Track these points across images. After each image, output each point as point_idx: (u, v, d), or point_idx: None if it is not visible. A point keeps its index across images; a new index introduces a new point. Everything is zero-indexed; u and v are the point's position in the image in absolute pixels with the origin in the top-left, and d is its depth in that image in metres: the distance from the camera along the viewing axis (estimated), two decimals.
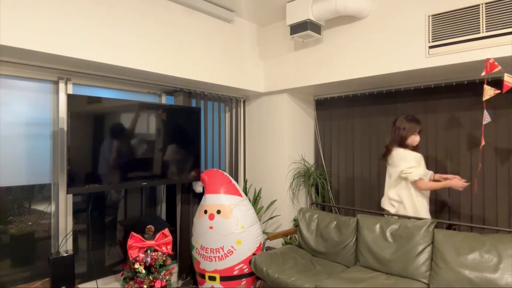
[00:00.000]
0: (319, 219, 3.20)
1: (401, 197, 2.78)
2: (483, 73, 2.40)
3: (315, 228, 3.19)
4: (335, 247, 2.98)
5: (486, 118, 2.57)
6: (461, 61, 2.55)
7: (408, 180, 2.70)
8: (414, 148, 2.80)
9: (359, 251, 2.84)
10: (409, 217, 2.74)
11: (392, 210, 2.85)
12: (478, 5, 2.46)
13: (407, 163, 2.68)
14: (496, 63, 2.35)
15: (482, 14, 2.45)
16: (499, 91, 2.48)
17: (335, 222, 3.06)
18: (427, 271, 2.46)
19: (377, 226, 2.77)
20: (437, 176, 2.89)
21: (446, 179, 2.76)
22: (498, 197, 2.89)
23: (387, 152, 2.85)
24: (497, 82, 2.84)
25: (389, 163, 2.87)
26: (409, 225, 2.61)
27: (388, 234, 2.68)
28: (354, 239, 2.91)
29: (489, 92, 2.49)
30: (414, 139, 2.76)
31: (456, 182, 2.65)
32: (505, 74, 2.41)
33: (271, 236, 3.21)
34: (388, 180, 2.90)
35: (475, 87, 2.98)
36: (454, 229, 2.77)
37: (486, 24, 2.44)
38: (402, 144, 2.75)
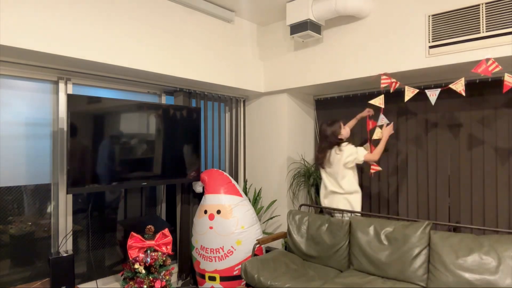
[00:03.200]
0: (309, 222, 3.07)
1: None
2: (479, 70, 2.40)
3: (306, 231, 3.06)
4: (327, 251, 2.88)
5: (383, 120, 3.05)
6: (461, 61, 2.55)
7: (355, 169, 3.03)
8: (348, 140, 3.15)
9: (353, 255, 2.76)
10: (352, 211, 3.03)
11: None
12: (478, 5, 2.46)
13: (349, 151, 2.96)
14: (494, 64, 2.35)
15: (482, 14, 2.44)
16: (418, 91, 2.74)
17: (326, 225, 2.94)
18: (424, 274, 2.43)
19: (371, 228, 2.70)
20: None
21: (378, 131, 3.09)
22: (498, 197, 2.89)
23: (323, 156, 3.05)
24: (497, 82, 2.85)
25: (327, 167, 3.06)
26: (404, 227, 2.58)
27: (382, 237, 2.62)
28: (347, 242, 2.81)
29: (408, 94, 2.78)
30: (345, 132, 3.09)
31: (389, 129, 3.01)
32: (505, 74, 2.41)
33: (261, 241, 3.10)
34: (327, 186, 3.13)
35: (476, 87, 2.98)
36: (450, 230, 2.77)
37: (486, 24, 2.43)
38: (337, 141, 3.03)
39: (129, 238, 2.67)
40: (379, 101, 2.97)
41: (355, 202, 3.05)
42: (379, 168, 3.04)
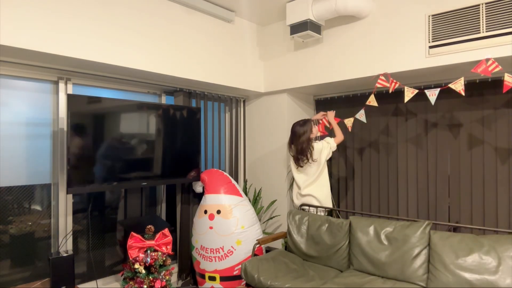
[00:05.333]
0: (309, 222, 3.07)
1: (318, 190, 3.25)
2: (479, 70, 2.40)
3: (306, 231, 3.06)
4: (327, 251, 2.87)
5: (362, 116, 3.19)
6: (461, 61, 2.55)
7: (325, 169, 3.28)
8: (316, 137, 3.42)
9: (353, 255, 2.76)
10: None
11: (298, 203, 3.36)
12: (478, 5, 2.46)
13: (321, 146, 3.21)
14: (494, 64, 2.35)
15: (482, 14, 2.44)
16: (417, 91, 2.79)
17: (326, 225, 2.94)
18: (424, 274, 2.43)
19: (371, 228, 2.70)
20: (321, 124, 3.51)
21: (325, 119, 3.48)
22: (498, 197, 2.89)
23: (303, 157, 3.20)
24: (497, 82, 2.85)
25: (303, 166, 3.23)
26: (404, 227, 2.58)
27: (382, 237, 2.61)
28: (347, 242, 2.81)
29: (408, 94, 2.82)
30: (315, 130, 3.30)
31: (330, 114, 3.41)
32: (505, 74, 2.41)
33: (261, 241, 3.10)
34: (307, 180, 3.26)
35: (476, 87, 2.98)
36: (450, 230, 2.78)
37: (486, 24, 2.43)
38: (310, 143, 3.21)
39: (129, 238, 2.67)
40: (373, 101, 3.08)
41: (328, 197, 3.28)
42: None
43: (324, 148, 3.21)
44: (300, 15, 3.12)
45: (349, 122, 3.31)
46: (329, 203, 3.28)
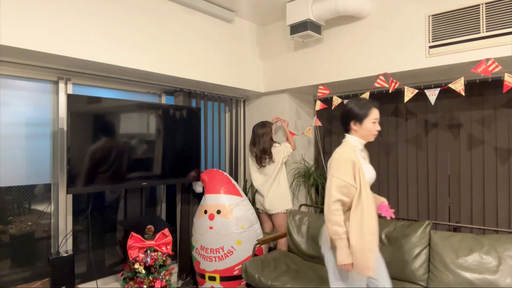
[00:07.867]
0: (309, 222, 3.08)
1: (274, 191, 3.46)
2: (479, 70, 2.40)
3: (306, 231, 3.07)
4: None
5: (317, 122, 3.52)
6: (461, 61, 2.55)
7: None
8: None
9: None
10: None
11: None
12: (478, 5, 2.46)
13: (282, 149, 3.46)
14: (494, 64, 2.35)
15: (482, 14, 2.45)
16: (417, 91, 2.78)
17: None
18: (424, 273, 2.43)
19: None
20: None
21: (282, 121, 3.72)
22: (498, 197, 2.89)
23: (266, 156, 3.42)
24: (497, 82, 2.85)
25: (265, 165, 3.45)
26: (404, 227, 2.58)
27: (383, 237, 2.62)
28: None
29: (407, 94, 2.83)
30: (273, 133, 3.58)
31: (284, 123, 3.67)
32: (505, 74, 2.41)
33: (261, 241, 3.10)
34: (267, 181, 3.46)
35: (476, 87, 2.99)
36: (450, 230, 2.78)
37: (486, 24, 2.44)
38: (272, 142, 3.49)
39: (129, 238, 2.67)
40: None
41: (289, 197, 3.47)
42: None
43: (280, 151, 3.42)
44: (300, 15, 3.12)
45: (308, 132, 3.60)
46: (286, 202, 3.43)
